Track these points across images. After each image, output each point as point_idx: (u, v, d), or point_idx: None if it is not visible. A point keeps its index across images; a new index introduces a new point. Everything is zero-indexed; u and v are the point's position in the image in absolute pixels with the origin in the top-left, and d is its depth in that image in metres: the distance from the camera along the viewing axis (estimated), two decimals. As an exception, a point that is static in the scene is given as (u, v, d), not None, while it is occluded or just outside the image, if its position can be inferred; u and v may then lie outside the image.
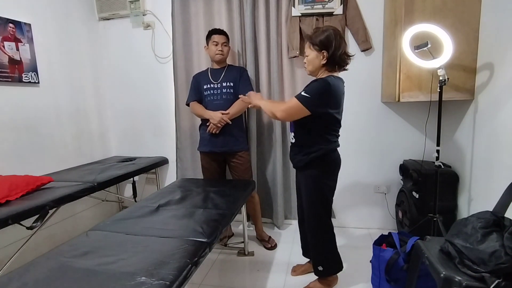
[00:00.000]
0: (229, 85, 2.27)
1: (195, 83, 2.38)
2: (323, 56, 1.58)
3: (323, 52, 1.57)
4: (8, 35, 2.11)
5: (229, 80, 2.28)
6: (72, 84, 2.64)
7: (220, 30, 2.31)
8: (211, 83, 2.30)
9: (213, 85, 2.29)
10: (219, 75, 2.31)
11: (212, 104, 2.27)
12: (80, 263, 1.15)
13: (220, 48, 2.26)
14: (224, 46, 2.28)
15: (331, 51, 1.55)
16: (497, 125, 1.71)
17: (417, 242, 1.38)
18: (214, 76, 2.32)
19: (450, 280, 1.06)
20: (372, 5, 2.38)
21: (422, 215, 2.00)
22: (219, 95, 2.27)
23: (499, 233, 1.06)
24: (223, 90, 2.27)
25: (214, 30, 2.31)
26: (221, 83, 2.28)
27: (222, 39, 2.27)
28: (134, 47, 2.88)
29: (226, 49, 2.30)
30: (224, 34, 2.30)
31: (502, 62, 1.68)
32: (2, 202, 1.62)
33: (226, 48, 2.30)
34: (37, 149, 2.30)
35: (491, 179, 1.77)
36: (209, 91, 2.30)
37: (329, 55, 1.56)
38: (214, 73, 2.34)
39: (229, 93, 2.26)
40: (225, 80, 2.29)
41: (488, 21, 1.83)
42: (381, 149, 2.52)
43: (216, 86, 2.29)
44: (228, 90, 2.26)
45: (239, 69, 2.37)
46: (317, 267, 1.74)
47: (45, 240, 2.25)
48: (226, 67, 2.35)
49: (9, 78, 2.11)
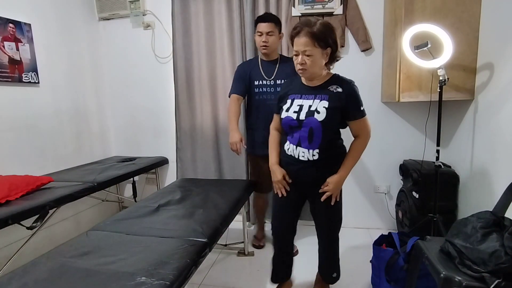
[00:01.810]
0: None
1: (243, 74, 2.04)
2: (327, 54, 1.38)
3: (327, 50, 1.37)
4: (8, 35, 2.11)
5: (283, 77, 1.96)
6: (72, 84, 2.64)
7: (265, 16, 1.95)
8: (264, 79, 1.98)
9: (265, 81, 1.98)
10: (272, 70, 1.99)
11: (265, 104, 1.99)
12: (80, 263, 1.15)
13: (265, 39, 1.90)
14: (269, 36, 1.91)
15: (334, 47, 1.38)
16: (497, 125, 1.70)
17: (417, 242, 1.38)
18: (266, 71, 1.99)
19: (450, 280, 1.06)
20: (372, 5, 2.38)
21: (422, 215, 2.00)
22: (273, 94, 1.96)
23: (499, 233, 1.06)
24: (277, 89, 1.94)
25: (259, 17, 1.97)
26: (275, 80, 1.97)
27: (267, 28, 1.90)
28: (134, 47, 2.88)
29: (272, 39, 1.92)
30: (271, 21, 1.92)
31: (502, 62, 1.68)
32: (2, 202, 1.62)
33: (272, 38, 1.92)
34: (37, 149, 2.30)
35: (491, 179, 1.76)
36: (261, 89, 1.99)
37: (332, 51, 1.38)
38: (266, 66, 2.01)
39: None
40: (279, 77, 1.98)
41: (488, 21, 1.82)
42: (381, 149, 2.52)
43: (270, 83, 1.98)
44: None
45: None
46: (331, 275, 1.67)
47: (45, 240, 2.25)
48: (279, 60, 2.00)
49: (9, 78, 2.11)
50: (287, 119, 1.45)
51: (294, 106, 1.44)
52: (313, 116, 1.38)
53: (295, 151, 1.46)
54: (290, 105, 1.46)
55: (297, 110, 1.42)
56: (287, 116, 1.45)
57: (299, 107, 1.43)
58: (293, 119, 1.42)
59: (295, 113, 1.42)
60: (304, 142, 1.42)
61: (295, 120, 1.42)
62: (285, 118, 1.46)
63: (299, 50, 1.35)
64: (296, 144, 1.45)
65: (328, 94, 1.40)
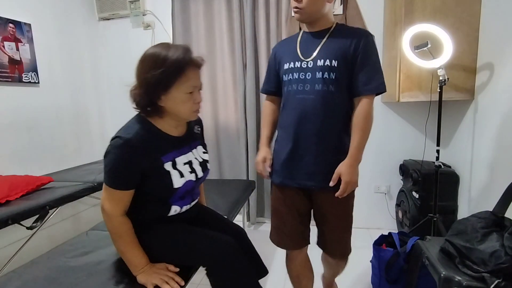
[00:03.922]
0: (327, 66, 1.19)
1: (273, 60, 1.37)
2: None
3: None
4: (8, 35, 2.10)
5: (329, 56, 1.19)
6: (72, 84, 2.64)
7: None
8: (297, 60, 1.24)
9: (298, 63, 1.24)
10: (315, 45, 1.23)
11: (295, 99, 1.24)
12: (80, 263, 1.15)
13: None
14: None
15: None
16: (497, 125, 1.70)
17: (417, 242, 1.38)
18: (305, 48, 1.25)
19: (450, 280, 1.06)
20: (372, 5, 2.38)
21: (422, 215, 2.00)
22: (309, 82, 1.21)
23: (499, 233, 1.06)
24: (317, 75, 1.20)
25: None
26: (315, 61, 1.21)
27: None
28: (134, 47, 2.88)
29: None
30: None
31: (502, 62, 1.68)
32: (2, 202, 1.62)
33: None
34: (37, 149, 2.30)
35: (491, 179, 1.76)
36: (290, 75, 1.25)
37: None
38: (306, 42, 1.27)
39: (329, 80, 1.19)
40: (321, 55, 1.20)
41: (488, 21, 1.82)
42: (381, 149, 2.52)
43: (304, 66, 1.22)
44: (326, 74, 1.19)
45: (358, 33, 1.22)
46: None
47: (45, 240, 2.25)
48: (332, 30, 1.23)
49: (9, 78, 2.11)
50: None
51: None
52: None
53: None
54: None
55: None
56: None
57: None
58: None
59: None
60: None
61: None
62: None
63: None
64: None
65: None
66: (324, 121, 1.19)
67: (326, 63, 1.18)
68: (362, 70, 1.17)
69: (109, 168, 0.99)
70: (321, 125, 1.20)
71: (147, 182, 1.03)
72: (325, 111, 1.19)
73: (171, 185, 1.05)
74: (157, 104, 1.02)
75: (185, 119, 1.12)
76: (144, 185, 1.03)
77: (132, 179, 1.00)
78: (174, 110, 1.04)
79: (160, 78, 0.97)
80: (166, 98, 1.01)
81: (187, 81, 1.00)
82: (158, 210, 1.10)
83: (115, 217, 1.01)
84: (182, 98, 1.01)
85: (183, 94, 1.01)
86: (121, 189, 1.00)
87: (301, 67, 1.22)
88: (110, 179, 0.99)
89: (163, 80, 0.98)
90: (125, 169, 0.98)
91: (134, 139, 0.98)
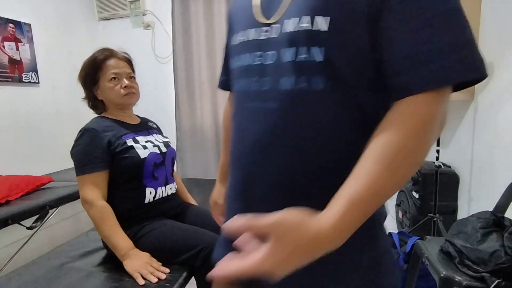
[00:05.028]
0: (305, 32, 0.49)
1: (227, 32, 0.73)
2: None
3: None
4: (8, 35, 2.10)
5: (312, 6, 0.48)
6: (72, 84, 2.60)
7: None
8: (252, 26, 0.57)
9: (254, 31, 0.56)
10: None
11: (243, 112, 0.60)
12: (80, 263, 1.15)
13: None
14: None
15: None
16: (497, 125, 1.70)
17: (417, 242, 1.38)
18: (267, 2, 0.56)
19: (450, 280, 1.06)
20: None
21: (422, 215, 2.00)
22: (271, 74, 0.53)
23: (499, 233, 1.06)
24: (283, 55, 0.51)
25: None
26: (283, 21, 0.52)
27: None
28: (134, 47, 2.87)
29: None
30: None
31: (502, 62, 1.68)
32: (2, 202, 1.62)
33: None
34: (37, 149, 2.30)
35: (491, 179, 1.76)
36: (238, 59, 0.61)
37: None
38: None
39: (309, 66, 0.49)
40: (295, 8, 0.50)
41: (488, 21, 1.82)
42: (381, 149, 2.52)
43: (264, 37, 0.55)
44: (302, 52, 0.50)
45: None
46: None
47: (45, 240, 2.25)
48: None
49: (9, 78, 2.11)
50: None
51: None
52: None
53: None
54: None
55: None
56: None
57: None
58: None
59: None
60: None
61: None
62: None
63: None
64: None
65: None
66: (303, 162, 0.53)
67: (302, 24, 0.49)
68: (407, 26, 0.46)
69: (76, 157, 1.13)
70: (295, 169, 0.53)
71: (115, 160, 1.13)
72: (303, 139, 0.52)
73: (137, 156, 1.14)
74: (97, 98, 1.25)
75: (120, 104, 1.26)
76: (114, 166, 1.13)
77: (99, 157, 1.10)
78: (109, 98, 1.23)
79: (87, 74, 1.22)
80: (99, 90, 1.23)
81: (108, 71, 1.20)
82: (133, 196, 1.16)
83: (95, 202, 1.08)
84: (109, 85, 1.20)
85: (107, 82, 1.20)
86: (92, 172, 1.09)
87: (258, 40, 0.56)
88: (80, 166, 1.11)
89: (89, 75, 1.21)
90: (90, 151, 1.10)
91: (91, 126, 1.16)
